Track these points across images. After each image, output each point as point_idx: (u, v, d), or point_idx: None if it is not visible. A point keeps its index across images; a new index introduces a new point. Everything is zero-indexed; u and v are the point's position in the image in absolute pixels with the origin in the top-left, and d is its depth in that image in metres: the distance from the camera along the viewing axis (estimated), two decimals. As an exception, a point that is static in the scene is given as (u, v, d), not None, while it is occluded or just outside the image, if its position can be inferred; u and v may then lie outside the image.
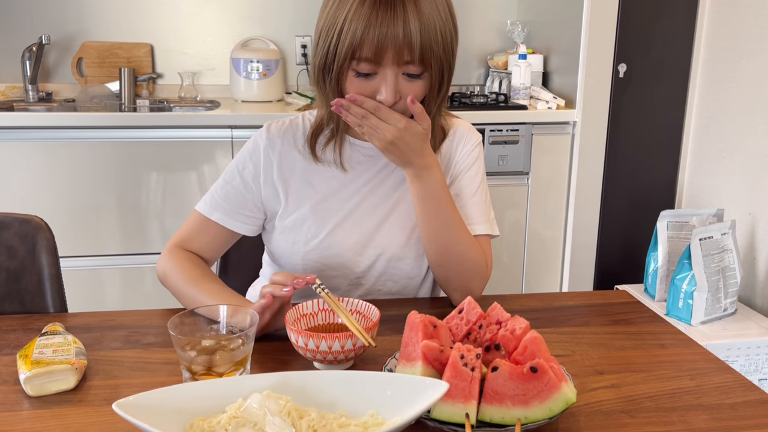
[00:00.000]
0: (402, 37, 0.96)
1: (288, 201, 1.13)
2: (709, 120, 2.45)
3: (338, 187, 1.13)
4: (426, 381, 0.74)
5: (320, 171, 1.13)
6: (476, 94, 2.72)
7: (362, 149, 1.14)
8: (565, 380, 0.77)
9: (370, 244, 1.12)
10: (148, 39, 2.75)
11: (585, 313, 1.09)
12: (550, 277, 2.62)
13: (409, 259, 1.14)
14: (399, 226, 1.14)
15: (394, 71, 0.99)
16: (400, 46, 0.96)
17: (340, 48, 0.98)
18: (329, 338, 0.83)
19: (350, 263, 1.13)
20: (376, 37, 0.96)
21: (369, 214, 1.13)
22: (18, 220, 1.11)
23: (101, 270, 2.34)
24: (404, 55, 0.97)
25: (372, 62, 0.98)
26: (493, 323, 0.86)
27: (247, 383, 0.76)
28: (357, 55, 0.98)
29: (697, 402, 0.83)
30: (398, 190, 1.14)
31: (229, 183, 1.13)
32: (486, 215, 1.16)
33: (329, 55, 1.00)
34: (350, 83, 1.01)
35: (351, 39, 0.97)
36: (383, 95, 0.99)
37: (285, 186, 1.12)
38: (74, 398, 0.83)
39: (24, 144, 2.21)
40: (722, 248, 2.04)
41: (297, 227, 1.12)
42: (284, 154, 1.13)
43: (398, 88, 1.00)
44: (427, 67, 1.00)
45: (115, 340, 0.98)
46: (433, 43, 0.98)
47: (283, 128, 1.15)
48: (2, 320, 1.04)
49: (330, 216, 1.12)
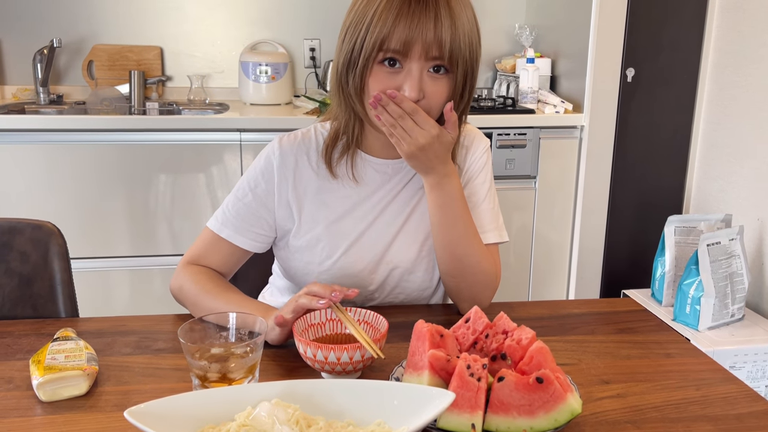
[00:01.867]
0: (433, 32, 0.95)
1: (302, 221, 1.11)
2: (717, 125, 2.45)
3: (352, 206, 1.12)
4: (432, 391, 0.75)
5: (334, 190, 1.12)
6: (484, 97, 2.72)
7: (374, 165, 1.13)
8: (571, 391, 0.77)
9: (383, 260, 1.12)
10: (157, 42, 2.77)
11: (591, 321, 1.10)
12: (557, 282, 2.62)
13: (420, 271, 1.13)
14: (410, 239, 1.13)
15: (420, 66, 0.97)
16: (429, 41, 0.95)
17: (368, 39, 0.97)
18: (338, 350, 0.84)
19: (364, 281, 1.12)
20: (406, 29, 0.95)
21: (382, 231, 1.12)
22: (31, 225, 1.12)
23: (111, 272, 2.36)
24: (433, 50, 0.96)
25: (400, 54, 0.97)
26: (500, 333, 0.87)
27: (256, 391, 0.77)
28: (385, 46, 0.96)
29: (703, 413, 0.84)
30: (409, 205, 1.13)
31: (241, 200, 1.11)
32: (495, 222, 1.16)
33: (356, 49, 0.99)
34: (374, 77, 0.99)
35: (381, 29, 0.96)
36: (407, 91, 0.98)
37: (299, 206, 1.11)
38: (86, 404, 0.84)
39: (35, 146, 2.23)
40: (730, 254, 2.03)
41: (311, 247, 1.11)
42: (298, 172, 1.11)
43: (422, 86, 0.98)
44: (453, 67, 0.99)
45: (125, 346, 0.99)
46: (462, 43, 0.98)
47: (296, 144, 1.12)
48: (15, 325, 1.05)
49: (345, 236, 1.11)
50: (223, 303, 1.03)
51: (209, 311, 1.02)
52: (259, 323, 0.88)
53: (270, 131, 2.32)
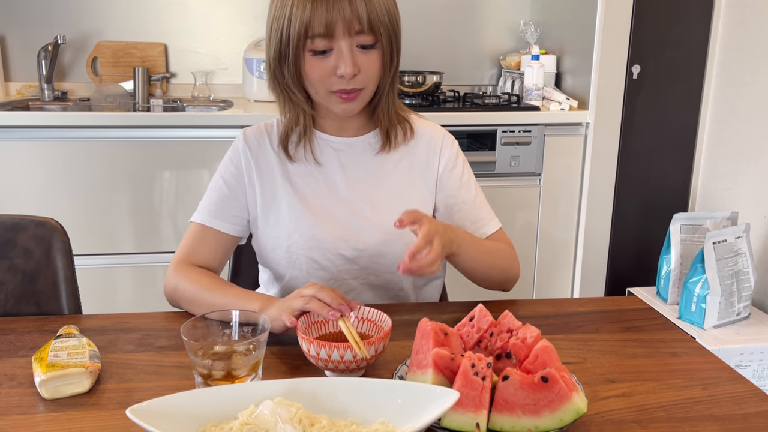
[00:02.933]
0: (349, 8, 1.01)
1: (267, 199, 1.16)
2: (723, 122, 2.44)
3: (314, 183, 1.16)
4: (437, 390, 0.74)
5: (297, 168, 1.17)
6: (488, 94, 2.71)
7: (332, 143, 1.17)
8: (576, 390, 0.77)
9: (350, 239, 1.14)
10: (161, 39, 2.77)
11: (596, 320, 1.09)
12: (562, 279, 2.62)
13: (390, 254, 1.14)
14: (377, 223, 1.14)
15: (347, 42, 1.03)
16: (349, 17, 1.02)
17: (292, 30, 1.03)
18: (341, 347, 0.83)
19: (332, 256, 1.14)
20: (325, 11, 1.01)
21: (349, 208, 1.15)
22: (34, 222, 1.12)
23: (114, 268, 2.37)
24: (354, 24, 1.02)
25: (325, 36, 1.02)
26: (504, 331, 0.86)
27: (259, 389, 0.76)
28: (310, 32, 1.02)
29: (709, 412, 0.83)
30: (376, 188, 1.17)
31: (215, 188, 1.18)
32: (490, 210, 1.23)
33: (282, 41, 1.05)
34: (309, 65, 1.05)
35: (301, 18, 1.02)
36: (342, 69, 1.03)
37: (263, 184, 1.16)
38: (88, 401, 0.84)
39: (38, 143, 2.23)
40: (736, 252, 2.02)
41: (279, 223, 1.15)
42: (261, 155, 1.17)
43: (355, 60, 1.04)
44: (378, 36, 1.05)
45: (128, 343, 0.99)
46: (378, 11, 1.04)
47: (258, 132, 1.20)
48: (18, 322, 1.05)
49: (308, 212, 1.14)
50: (222, 297, 1.04)
51: (210, 307, 1.02)
52: (263, 320, 0.88)
53: (274, 128, 2.32)
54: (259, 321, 0.88)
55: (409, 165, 1.19)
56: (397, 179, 1.18)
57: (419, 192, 1.19)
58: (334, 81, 1.06)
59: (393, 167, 1.18)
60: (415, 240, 0.95)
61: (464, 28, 2.92)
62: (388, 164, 1.18)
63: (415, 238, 0.96)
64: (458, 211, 1.19)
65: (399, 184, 1.18)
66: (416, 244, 0.93)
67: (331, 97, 1.08)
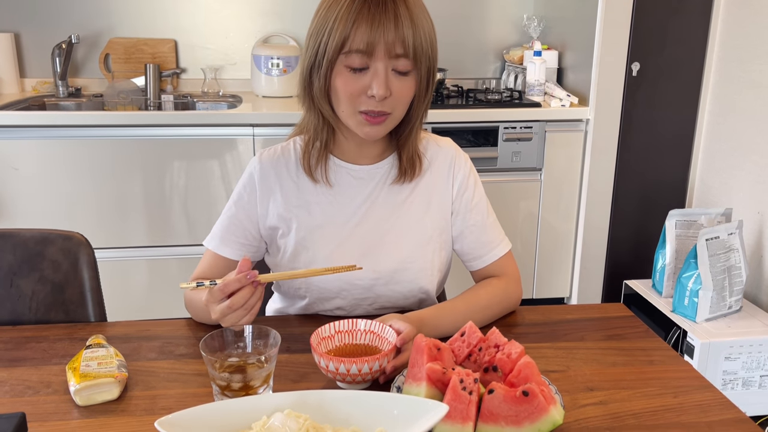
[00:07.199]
0: (394, 30, 1.00)
1: (284, 230, 1.17)
2: (721, 119, 2.48)
3: (333, 213, 1.16)
4: (428, 403, 0.83)
5: (314, 199, 1.16)
6: (491, 90, 2.76)
7: (349, 170, 1.17)
8: (554, 403, 0.85)
9: (366, 266, 1.14)
10: (172, 35, 2.83)
11: (582, 328, 1.17)
12: (562, 271, 2.70)
13: (404, 282, 1.17)
14: (393, 249, 1.17)
15: (384, 64, 1.02)
16: (392, 39, 1.00)
17: (331, 41, 1.02)
18: (359, 362, 0.91)
19: (349, 286, 1.16)
20: (368, 30, 1.00)
21: (364, 237, 1.16)
22: (61, 236, 1.21)
23: (129, 261, 2.47)
24: (396, 47, 1.01)
25: (364, 54, 1.01)
26: (492, 346, 0.95)
27: (271, 401, 0.85)
28: (348, 46, 1.01)
29: (678, 420, 0.91)
30: (392, 216, 1.17)
31: (227, 215, 1.18)
32: (500, 232, 1.25)
33: (320, 52, 1.04)
34: (341, 79, 1.04)
35: (342, 30, 1.00)
36: (375, 89, 1.02)
37: (280, 216, 1.16)
38: (117, 408, 0.93)
39: (54, 141, 2.32)
40: (728, 248, 2.09)
41: (295, 255, 1.16)
42: (278, 185, 1.17)
43: (388, 84, 1.03)
44: (417, 64, 1.04)
45: (150, 351, 1.09)
46: (423, 41, 1.03)
47: (275, 158, 1.18)
48: (50, 329, 1.15)
49: (326, 243, 1.15)
50: (198, 300, 1.10)
51: (196, 310, 1.13)
52: (273, 335, 0.96)
53: (281, 126, 2.40)
54: (270, 335, 0.97)
55: (424, 191, 1.19)
56: (413, 207, 1.18)
57: (433, 219, 1.19)
58: (363, 100, 1.04)
59: (408, 195, 1.19)
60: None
61: (468, 21, 2.97)
62: (404, 192, 1.19)
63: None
64: (469, 234, 1.22)
65: (415, 211, 1.18)
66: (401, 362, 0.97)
67: (357, 117, 1.06)
